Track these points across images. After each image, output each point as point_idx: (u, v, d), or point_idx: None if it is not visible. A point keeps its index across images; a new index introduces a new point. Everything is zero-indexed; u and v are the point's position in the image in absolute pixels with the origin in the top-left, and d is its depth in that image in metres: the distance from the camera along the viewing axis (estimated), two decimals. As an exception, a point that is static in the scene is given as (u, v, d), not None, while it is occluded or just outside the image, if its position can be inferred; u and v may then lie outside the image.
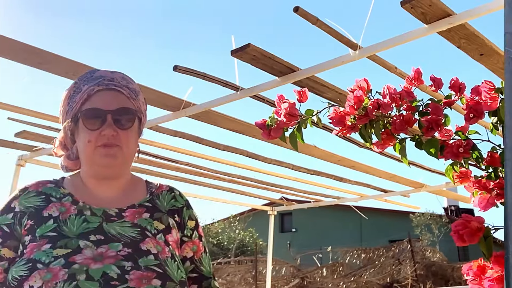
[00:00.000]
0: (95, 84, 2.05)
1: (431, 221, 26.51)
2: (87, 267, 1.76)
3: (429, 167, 6.76)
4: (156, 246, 1.93)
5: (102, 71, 2.13)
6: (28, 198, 1.99)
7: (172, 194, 2.21)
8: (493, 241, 1.81)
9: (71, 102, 2.07)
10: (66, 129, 2.12)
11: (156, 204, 2.12)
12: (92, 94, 2.03)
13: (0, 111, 4.73)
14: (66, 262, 1.76)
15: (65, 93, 2.14)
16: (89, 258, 1.79)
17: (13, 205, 1.97)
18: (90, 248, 1.83)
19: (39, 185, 2.06)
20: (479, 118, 1.99)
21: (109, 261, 1.80)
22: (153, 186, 2.22)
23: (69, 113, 2.07)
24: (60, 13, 42.34)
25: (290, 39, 41.07)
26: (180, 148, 6.00)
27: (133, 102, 2.09)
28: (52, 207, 1.96)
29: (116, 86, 2.07)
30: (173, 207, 2.15)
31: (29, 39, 4.21)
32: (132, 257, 1.84)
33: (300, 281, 19.74)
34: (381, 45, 3.43)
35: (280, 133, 2.21)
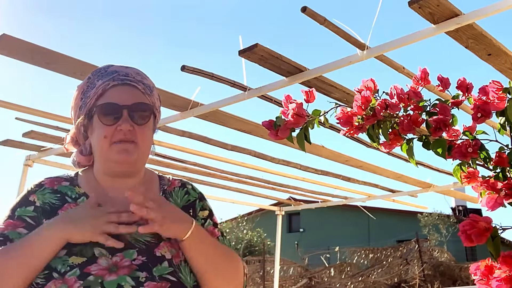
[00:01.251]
0: (110, 79, 2.03)
1: (439, 221, 26.45)
2: (102, 279, 1.74)
3: (436, 167, 6.75)
4: (171, 250, 1.92)
5: (116, 66, 2.11)
6: (44, 194, 1.97)
7: (185, 189, 2.19)
8: (501, 241, 1.80)
9: (85, 97, 2.06)
10: (79, 125, 2.09)
11: (169, 201, 2.08)
12: (107, 89, 2.02)
13: (8, 111, 4.74)
14: (81, 273, 1.74)
15: (78, 89, 2.12)
16: (104, 268, 1.77)
17: (32, 199, 1.95)
18: (105, 257, 1.81)
19: (54, 183, 2.03)
20: (486, 118, 1.99)
21: (124, 272, 1.78)
22: (165, 183, 2.19)
23: (82, 108, 2.05)
24: (67, 13, 42.44)
25: (298, 39, 41.07)
26: (187, 148, 6.01)
27: (148, 98, 2.08)
28: (68, 207, 1.94)
29: (131, 81, 2.05)
30: (187, 202, 2.13)
31: (37, 39, 4.22)
32: (147, 266, 1.83)
33: (308, 281, 19.74)
34: (388, 45, 3.42)
35: (287, 133, 2.21)
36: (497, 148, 2.01)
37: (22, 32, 26.42)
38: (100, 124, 1.98)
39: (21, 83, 36.47)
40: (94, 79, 2.08)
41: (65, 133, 5.37)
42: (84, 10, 44.75)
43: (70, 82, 3.97)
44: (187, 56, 46.68)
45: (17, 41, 3.46)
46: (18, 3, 36.07)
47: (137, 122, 2.00)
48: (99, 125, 1.98)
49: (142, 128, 2.01)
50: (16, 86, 34.58)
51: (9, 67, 10.35)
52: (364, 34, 3.46)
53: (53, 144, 5.90)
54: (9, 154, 18.24)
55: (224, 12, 44.70)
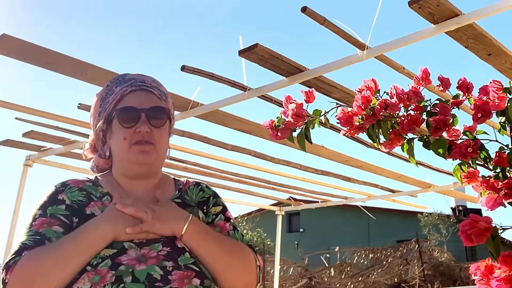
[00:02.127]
0: (128, 85, 2.12)
1: (439, 221, 26.45)
2: (133, 269, 1.80)
3: (436, 167, 6.75)
4: None
5: (133, 74, 2.21)
6: (72, 192, 2.03)
7: (200, 187, 2.27)
8: (501, 241, 1.80)
9: (104, 103, 2.15)
10: (98, 130, 2.17)
11: (185, 200, 2.18)
12: (126, 95, 2.11)
13: (8, 111, 4.75)
14: (113, 263, 1.80)
15: (97, 96, 2.20)
16: (134, 258, 1.84)
17: (61, 198, 2.00)
18: (134, 249, 1.88)
19: (78, 182, 2.10)
20: (487, 118, 1.99)
21: (152, 262, 1.85)
22: (180, 183, 2.28)
23: (101, 114, 2.14)
24: (67, 14, 42.45)
25: (298, 39, 41.06)
26: (187, 148, 6.01)
27: (164, 103, 2.17)
28: (94, 205, 2.01)
29: (147, 87, 2.15)
30: (202, 199, 2.22)
31: (37, 39, 4.22)
32: (172, 256, 1.89)
33: (308, 281, 19.75)
34: (389, 45, 3.43)
35: (287, 133, 2.22)
36: (497, 148, 2.01)
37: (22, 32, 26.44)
38: (119, 127, 2.07)
39: (21, 83, 36.44)
40: (112, 86, 2.17)
41: (65, 133, 5.41)
42: (84, 10, 44.76)
43: (70, 82, 3.97)
44: (187, 56, 46.67)
45: (17, 41, 3.46)
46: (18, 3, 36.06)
47: (155, 125, 2.09)
48: (119, 128, 2.07)
49: (159, 130, 2.11)
50: (16, 86, 34.56)
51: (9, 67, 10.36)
52: (364, 34, 3.46)
53: (53, 144, 5.91)
54: (9, 154, 18.27)
55: (224, 12, 44.71)
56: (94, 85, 4.11)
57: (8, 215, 6.45)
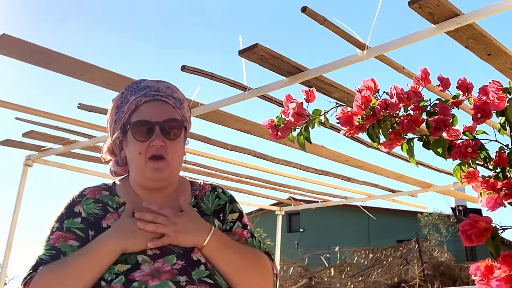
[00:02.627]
0: (142, 95, 2.13)
1: (439, 221, 26.42)
2: (146, 285, 1.82)
3: (436, 167, 6.75)
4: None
5: (148, 81, 2.20)
6: (88, 204, 2.05)
7: (215, 193, 2.28)
8: (501, 241, 1.80)
9: (119, 112, 2.15)
10: (115, 138, 2.19)
11: (201, 207, 2.18)
12: (140, 105, 2.11)
13: (8, 111, 4.75)
14: (126, 279, 1.82)
15: (113, 102, 2.21)
16: (147, 274, 1.85)
17: (77, 210, 2.02)
18: (148, 263, 1.89)
19: (95, 192, 2.11)
20: (486, 118, 1.99)
21: (166, 277, 1.86)
22: (196, 188, 2.29)
23: (117, 123, 2.16)
24: (67, 14, 42.43)
25: (298, 39, 41.00)
26: (187, 148, 5.95)
27: (178, 112, 2.17)
28: (110, 217, 2.02)
29: (162, 96, 2.15)
30: (218, 206, 2.22)
31: (37, 39, 4.22)
32: (186, 270, 1.90)
33: (308, 281, 19.73)
34: (389, 45, 3.43)
35: (287, 133, 2.21)
36: (497, 148, 2.01)
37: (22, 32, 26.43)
38: (134, 140, 2.09)
39: (21, 83, 36.44)
40: (127, 94, 2.17)
41: (65, 133, 5.41)
42: (83, 10, 44.72)
43: (70, 82, 3.97)
44: (187, 56, 46.63)
45: (17, 41, 3.46)
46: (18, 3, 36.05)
47: (169, 138, 2.10)
48: (133, 141, 2.09)
49: (173, 143, 2.12)
50: (16, 86, 34.56)
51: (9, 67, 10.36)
52: (364, 34, 3.46)
53: (53, 144, 5.91)
54: (9, 154, 18.29)
55: (224, 12, 44.68)
56: (94, 85, 4.11)
57: (8, 215, 6.45)
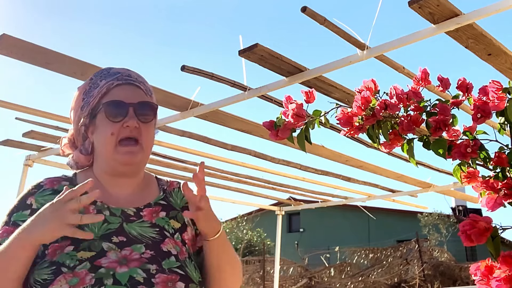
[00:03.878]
0: (114, 78, 2.08)
1: (439, 221, 26.43)
2: (114, 271, 1.77)
3: (436, 167, 6.75)
4: (175, 247, 1.96)
5: (118, 68, 2.16)
6: (44, 196, 1.97)
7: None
8: (501, 241, 1.80)
9: (87, 97, 2.09)
10: (79, 125, 2.11)
11: (170, 202, 2.15)
12: (112, 88, 2.06)
13: (8, 111, 4.74)
14: (92, 265, 1.77)
15: (79, 90, 2.15)
16: (114, 261, 1.80)
17: (29, 202, 1.96)
18: (114, 250, 1.84)
19: (53, 183, 2.04)
20: (486, 118, 1.99)
21: (135, 265, 1.82)
22: (164, 183, 2.25)
23: (84, 108, 2.08)
24: (67, 14, 42.43)
25: (298, 39, 41.04)
26: (187, 148, 6.01)
27: (150, 98, 2.14)
28: None
29: (134, 81, 2.11)
30: (186, 204, 2.14)
31: (37, 39, 4.22)
32: (156, 259, 1.87)
33: (308, 281, 19.75)
34: (389, 45, 3.43)
35: (287, 133, 2.22)
36: (497, 148, 2.01)
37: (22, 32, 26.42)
38: (106, 121, 2.02)
39: (21, 83, 36.45)
40: (96, 80, 2.11)
41: (65, 133, 5.40)
42: (83, 10, 44.75)
43: (70, 82, 3.97)
44: (187, 56, 46.64)
45: (17, 41, 3.46)
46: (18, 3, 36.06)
47: (143, 120, 2.05)
48: (105, 122, 2.02)
49: (146, 126, 2.07)
50: (16, 86, 34.57)
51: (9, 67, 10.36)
52: (364, 34, 3.46)
53: (53, 144, 5.91)
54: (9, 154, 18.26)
55: (224, 12, 44.68)
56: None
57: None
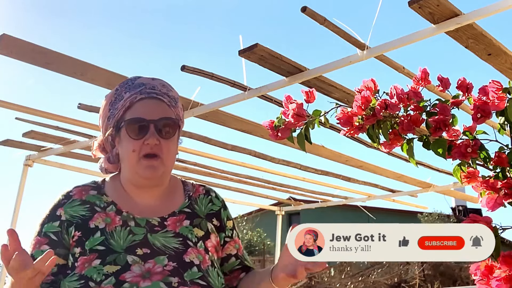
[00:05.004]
0: (137, 92, 2.09)
1: (439, 221, 26.39)
2: (137, 286, 1.82)
3: (436, 167, 6.75)
4: (198, 256, 2.00)
5: (143, 78, 2.17)
6: (73, 206, 2.03)
7: (209, 197, 2.27)
8: (501, 241, 1.80)
9: (113, 108, 2.12)
10: (107, 135, 2.15)
11: (195, 209, 2.18)
12: (135, 102, 2.08)
13: (8, 111, 4.75)
14: (117, 280, 1.82)
15: (106, 99, 2.18)
16: (138, 275, 1.85)
17: (59, 213, 2.01)
18: (138, 264, 1.89)
19: (82, 193, 2.09)
20: (486, 118, 1.99)
21: (157, 278, 1.86)
22: (189, 189, 2.28)
23: (110, 120, 2.12)
24: (67, 14, 42.39)
25: (298, 39, 40.94)
26: (188, 148, 6.01)
27: (173, 110, 2.14)
28: (98, 217, 2.00)
29: (157, 94, 2.12)
30: (211, 211, 2.21)
31: (37, 39, 4.21)
32: (178, 271, 1.91)
33: (308, 281, 19.71)
34: (389, 45, 3.43)
35: (287, 133, 2.21)
36: (497, 148, 2.01)
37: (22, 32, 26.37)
38: (128, 138, 2.05)
39: (21, 83, 36.44)
40: (121, 91, 2.13)
41: (65, 133, 5.41)
42: (83, 10, 44.69)
43: (70, 82, 3.97)
44: (187, 56, 46.59)
45: (17, 41, 3.46)
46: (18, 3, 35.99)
47: (163, 136, 2.07)
48: (127, 138, 2.05)
49: (167, 142, 2.09)
50: (16, 86, 34.56)
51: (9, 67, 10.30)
52: (364, 34, 3.46)
53: (53, 144, 5.91)
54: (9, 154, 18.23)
55: (224, 12, 44.63)
56: (94, 85, 4.11)
57: (8, 215, 6.44)
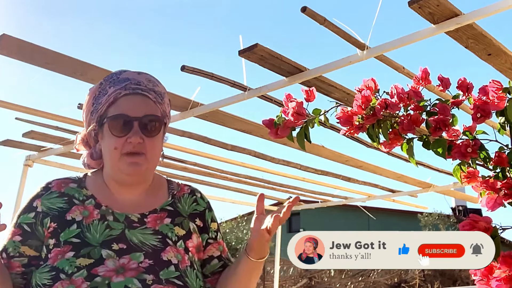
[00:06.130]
0: (122, 87, 2.04)
1: (439, 221, 26.41)
2: (109, 280, 1.78)
3: (436, 167, 6.75)
4: (177, 255, 1.95)
5: (129, 73, 2.11)
6: (50, 198, 1.99)
7: (194, 197, 2.21)
8: (501, 241, 1.80)
9: (96, 103, 2.07)
10: (90, 130, 2.10)
11: (178, 208, 2.13)
12: (119, 98, 2.02)
13: (8, 111, 4.74)
14: (89, 273, 1.78)
15: (90, 93, 2.13)
16: (111, 270, 1.81)
17: (35, 205, 1.97)
18: (113, 258, 1.84)
19: (61, 185, 2.04)
20: (486, 118, 1.99)
21: (131, 274, 1.82)
22: (174, 188, 2.22)
23: (94, 114, 2.07)
24: (67, 13, 42.41)
25: (298, 39, 40.97)
26: (187, 148, 6.00)
27: (159, 107, 2.08)
28: (75, 210, 1.96)
29: (143, 90, 2.05)
30: (194, 211, 2.16)
31: (37, 39, 4.21)
32: (153, 269, 1.86)
33: (308, 281, 19.74)
34: (388, 45, 3.42)
35: (287, 132, 2.22)
36: (497, 148, 2.01)
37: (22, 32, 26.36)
38: (110, 135, 1.99)
39: (21, 83, 36.46)
40: (106, 85, 2.08)
41: (65, 133, 5.41)
42: (83, 10, 44.72)
43: (70, 82, 3.97)
44: (187, 56, 46.61)
45: (17, 41, 3.46)
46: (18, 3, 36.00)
47: (147, 135, 2.00)
48: (109, 135, 2.00)
49: (152, 140, 2.02)
50: (16, 86, 34.56)
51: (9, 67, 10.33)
52: (364, 34, 3.46)
53: (53, 144, 5.90)
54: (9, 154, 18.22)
55: (224, 12, 44.66)
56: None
57: (8, 215, 6.44)
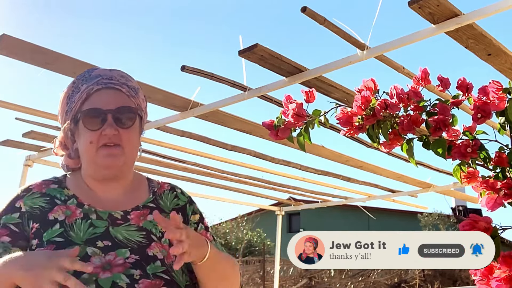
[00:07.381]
0: (94, 83, 2.03)
1: (439, 221, 26.42)
2: (96, 277, 1.76)
3: (436, 167, 6.75)
4: (162, 251, 1.94)
5: (100, 70, 2.11)
6: (32, 198, 1.97)
7: (174, 193, 2.21)
8: (501, 241, 1.80)
9: (70, 102, 2.06)
10: (66, 130, 2.09)
11: (160, 205, 2.12)
12: (92, 94, 2.01)
13: (8, 111, 4.74)
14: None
15: (64, 93, 2.12)
16: (98, 266, 1.79)
17: (18, 205, 1.95)
18: (98, 255, 1.83)
19: (42, 186, 2.04)
20: (486, 118, 1.99)
21: (118, 270, 1.81)
22: (154, 185, 2.21)
23: (68, 113, 2.06)
24: (67, 13, 42.41)
25: (298, 39, 40.96)
26: (187, 148, 6.00)
27: (133, 100, 2.07)
28: (58, 210, 1.95)
29: (115, 84, 2.05)
30: (176, 206, 2.15)
31: (37, 38, 4.24)
32: (140, 264, 1.85)
33: (308, 281, 19.74)
34: (388, 45, 3.42)
35: (287, 133, 2.22)
36: (497, 148, 2.01)
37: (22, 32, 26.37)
38: (85, 129, 1.99)
39: (21, 83, 36.45)
40: (78, 84, 2.08)
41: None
42: (83, 9, 44.71)
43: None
44: (187, 56, 46.60)
45: (17, 41, 3.45)
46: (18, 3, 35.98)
47: (122, 126, 2.00)
48: (85, 130, 1.99)
49: (127, 131, 2.01)
50: (16, 86, 34.56)
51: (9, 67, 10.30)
52: (364, 34, 3.46)
53: (53, 145, 5.90)
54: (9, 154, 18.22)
55: (224, 12, 44.64)
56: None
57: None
